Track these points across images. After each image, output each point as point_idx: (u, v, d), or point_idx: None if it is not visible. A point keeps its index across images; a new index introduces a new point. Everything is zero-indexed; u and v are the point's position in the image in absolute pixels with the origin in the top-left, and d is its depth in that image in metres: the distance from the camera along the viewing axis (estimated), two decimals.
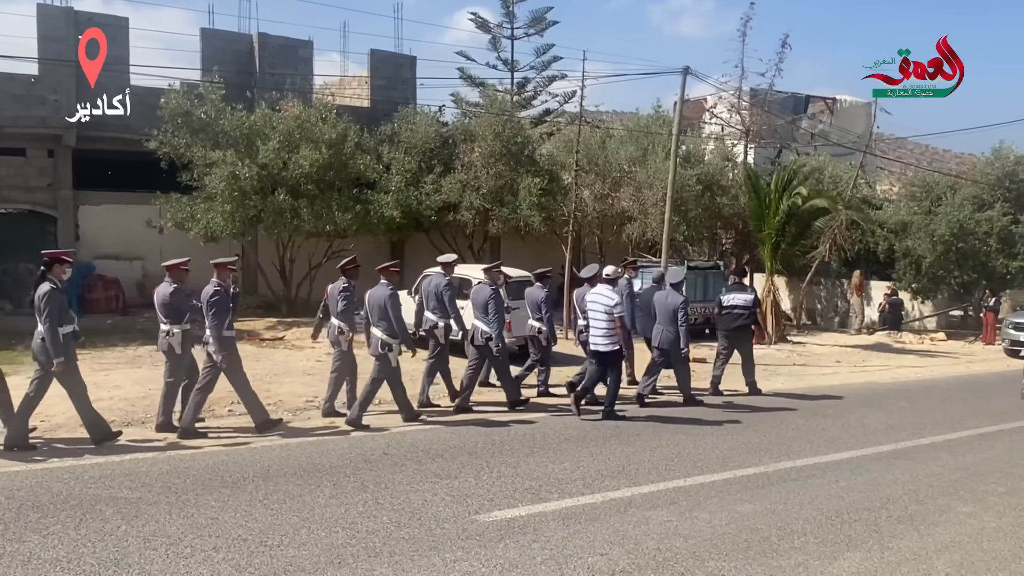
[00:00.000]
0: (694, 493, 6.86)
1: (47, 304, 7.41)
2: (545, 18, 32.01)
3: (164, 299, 8.47)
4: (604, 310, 9.77)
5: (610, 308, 9.71)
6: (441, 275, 10.62)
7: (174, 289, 8.48)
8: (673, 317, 10.94)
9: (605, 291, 9.94)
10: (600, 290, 10.00)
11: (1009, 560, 5.51)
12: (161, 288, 8.57)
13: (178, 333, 8.45)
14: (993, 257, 24.74)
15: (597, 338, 9.89)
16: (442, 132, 21.77)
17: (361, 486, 6.68)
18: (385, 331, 9.13)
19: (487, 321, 10.12)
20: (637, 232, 21.26)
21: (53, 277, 7.61)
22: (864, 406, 11.72)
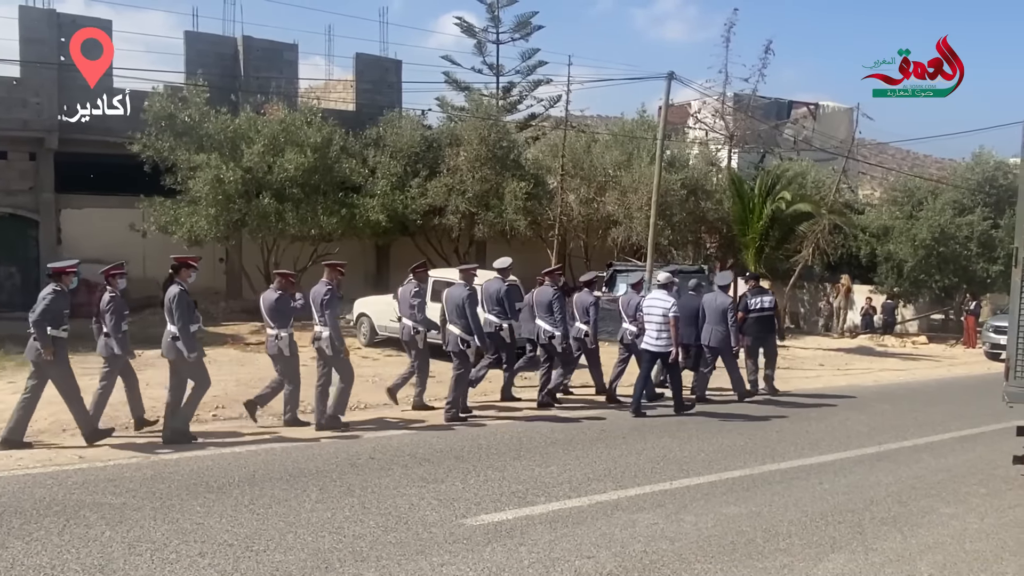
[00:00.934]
0: (680, 496, 6.89)
1: (178, 305, 8.05)
2: (530, 22, 32.10)
3: (271, 305, 9.08)
4: (660, 313, 10.43)
5: (666, 311, 10.39)
6: (499, 279, 11.02)
7: (280, 295, 9.11)
8: (723, 317, 11.68)
9: (661, 296, 10.63)
10: (656, 295, 10.72)
11: (991, 561, 5.57)
12: (267, 295, 9.27)
13: (285, 337, 9.04)
14: (974, 261, 25.05)
15: (651, 339, 10.55)
16: (427, 136, 21.78)
17: (348, 490, 6.66)
18: (463, 328, 9.80)
19: (552, 321, 10.76)
20: (622, 236, 21.34)
21: (180, 280, 8.27)
22: (847, 409, 11.82)
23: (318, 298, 9.13)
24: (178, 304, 8.06)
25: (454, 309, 9.91)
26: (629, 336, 11.31)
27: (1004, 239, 24.61)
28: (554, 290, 10.90)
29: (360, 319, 16.23)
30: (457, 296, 9.90)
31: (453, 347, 9.91)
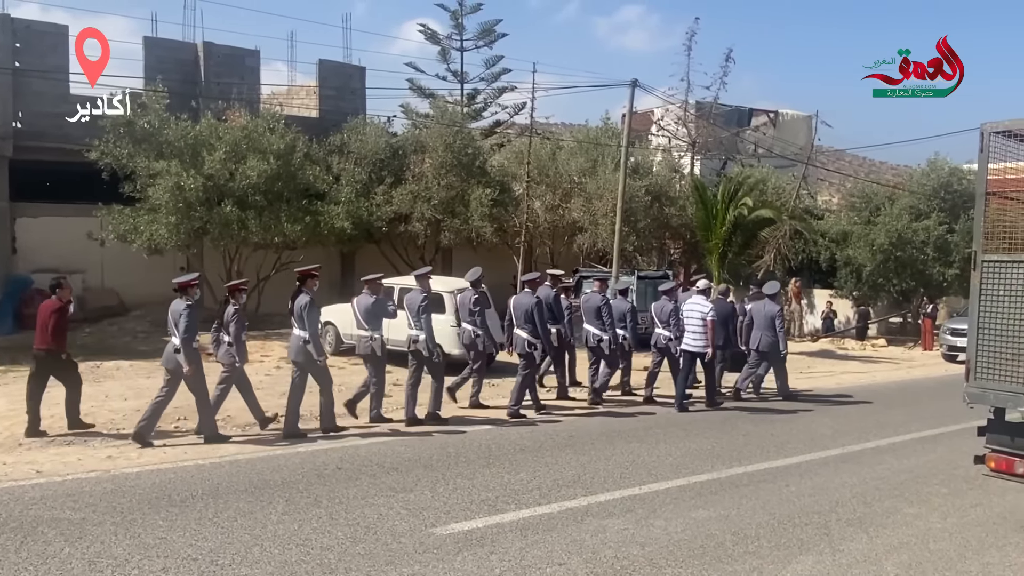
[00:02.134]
0: (649, 500, 6.91)
1: (309, 313, 8.95)
2: (494, 30, 32.10)
3: (366, 308, 9.78)
4: (699, 317, 11.50)
5: (704, 315, 11.47)
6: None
7: (376, 299, 9.87)
8: (771, 323, 12.59)
9: (700, 301, 11.68)
10: (696, 300, 11.73)
11: (955, 560, 5.67)
12: (362, 299, 9.93)
13: (379, 338, 9.70)
14: (930, 265, 25.54)
15: (691, 341, 11.56)
16: (392, 143, 21.66)
17: (315, 501, 6.57)
18: (530, 333, 10.64)
19: (600, 326, 11.58)
20: (588, 242, 21.43)
21: (307, 289, 9.12)
22: (811, 411, 11.97)
23: (414, 305, 9.94)
24: (309, 312, 8.95)
25: (522, 315, 10.77)
26: (663, 340, 11.93)
27: (959, 243, 25.16)
28: (602, 296, 11.83)
29: (325, 328, 16.04)
30: (525, 303, 10.81)
31: (520, 349, 10.79)
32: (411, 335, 10.03)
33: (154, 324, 18.40)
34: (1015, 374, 5.87)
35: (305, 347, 8.99)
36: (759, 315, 12.81)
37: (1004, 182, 6.20)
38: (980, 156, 6.09)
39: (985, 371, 6.05)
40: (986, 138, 6.05)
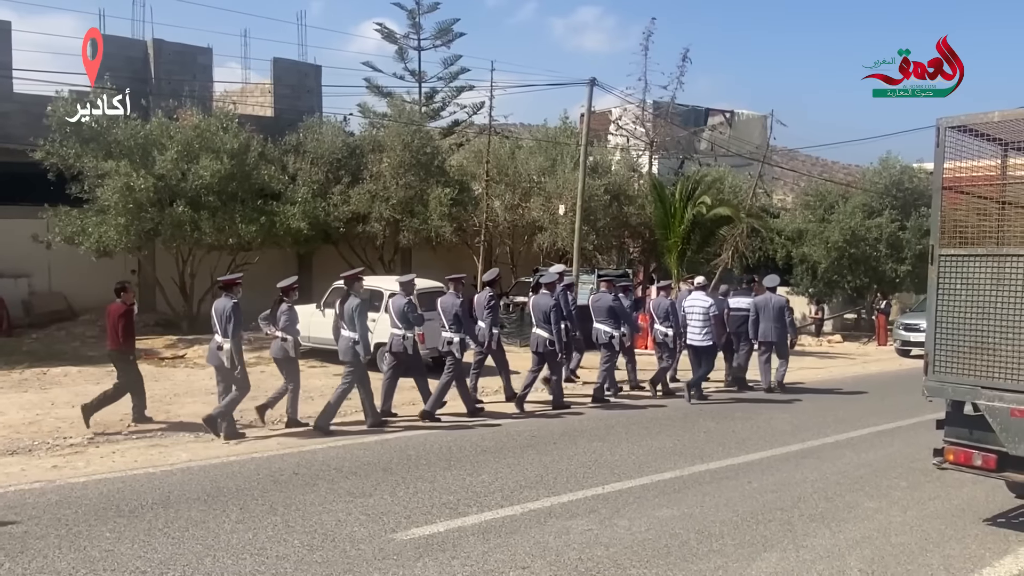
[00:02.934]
0: (613, 500, 6.84)
1: (360, 315, 9.42)
2: (451, 29, 32.06)
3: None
4: (701, 312, 12.15)
5: (706, 310, 12.15)
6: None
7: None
8: (779, 315, 13.30)
9: (701, 297, 12.37)
10: (697, 296, 12.41)
11: (917, 554, 5.69)
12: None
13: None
14: (883, 262, 26.05)
15: (694, 335, 12.23)
16: (349, 142, 21.36)
17: (270, 509, 6.37)
18: (549, 332, 11.04)
19: (613, 324, 12.10)
20: (548, 242, 21.38)
21: (355, 292, 9.68)
22: (770, 407, 12.05)
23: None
24: (359, 314, 9.42)
25: (541, 316, 11.15)
26: (660, 336, 12.63)
27: (911, 240, 25.72)
28: (612, 297, 12.39)
29: None
30: (544, 304, 11.15)
31: (541, 348, 11.16)
32: (446, 336, 10.47)
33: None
34: (973, 367, 5.91)
35: (355, 347, 9.40)
36: (766, 308, 13.35)
37: (959, 177, 6.25)
38: (936, 151, 6.13)
39: (943, 365, 6.08)
40: (942, 133, 6.09)
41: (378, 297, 14.20)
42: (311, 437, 9.09)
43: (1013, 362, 5.68)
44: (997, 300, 5.79)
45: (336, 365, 13.88)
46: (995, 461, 5.90)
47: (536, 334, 11.24)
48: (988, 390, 5.82)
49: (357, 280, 9.85)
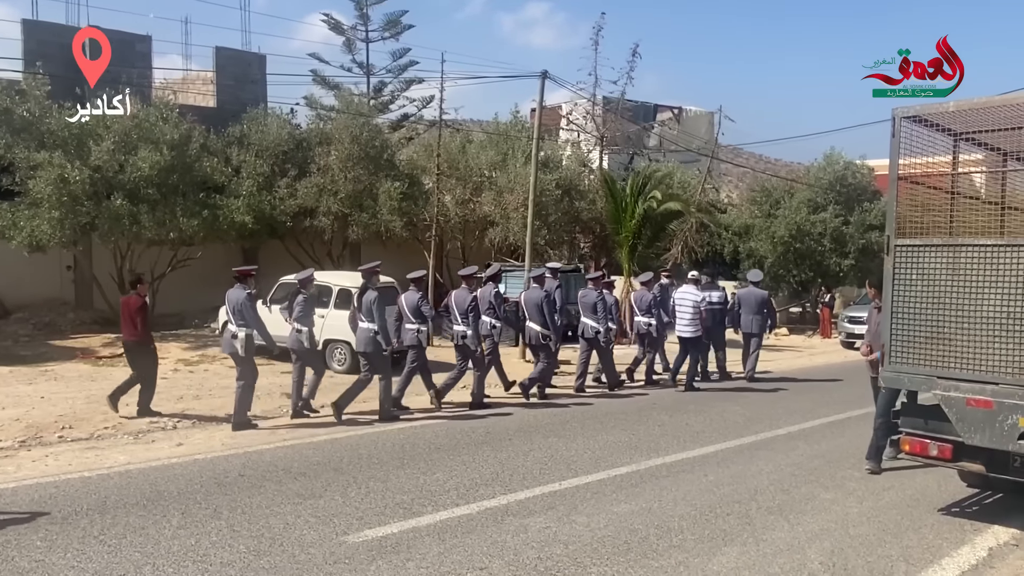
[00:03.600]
0: (570, 496, 6.71)
1: (378, 308, 9.73)
2: (400, 21, 31.62)
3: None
4: (691, 304, 12.69)
5: (696, 303, 12.71)
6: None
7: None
8: (760, 308, 13.75)
9: (691, 290, 12.92)
10: (687, 290, 12.97)
11: (876, 545, 5.67)
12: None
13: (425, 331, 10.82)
14: (827, 256, 26.51)
15: (684, 327, 12.73)
16: (296, 134, 20.85)
17: (214, 513, 6.08)
18: (541, 325, 11.37)
19: (596, 319, 12.31)
20: (499, 236, 21.20)
21: (372, 285, 9.96)
22: (722, 400, 12.09)
23: (463, 304, 10.70)
24: (378, 306, 9.73)
25: (534, 310, 11.45)
26: (644, 327, 13.09)
27: (854, 235, 26.22)
28: (598, 292, 12.56)
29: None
30: (536, 298, 11.49)
31: (535, 341, 11.57)
32: (459, 331, 10.77)
33: (37, 327, 17.18)
34: (929, 357, 5.93)
35: (375, 338, 9.69)
36: (748, 301, 13.81)
37: (913, 167, 6.26)
38: (892, 141, 6.12)
39: (900, 355, 6.09)
40: (897, 123, 6.09)
41: (327, 292, 13.87)
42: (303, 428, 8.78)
43: (968, 352, 5.71)
44: (952, 290, 5.80)
45: (283, 363, 13.56)
46: (951, 451, 5.92)
47: (530, 327, 11.53)
48: (944, 380, 5.84)
49: (374, 273, 10.13)
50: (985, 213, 6.71)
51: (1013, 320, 5.52)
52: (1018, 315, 5.50)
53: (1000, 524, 6.16)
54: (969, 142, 6.66)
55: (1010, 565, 5.36)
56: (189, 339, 16.51)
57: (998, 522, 6.21)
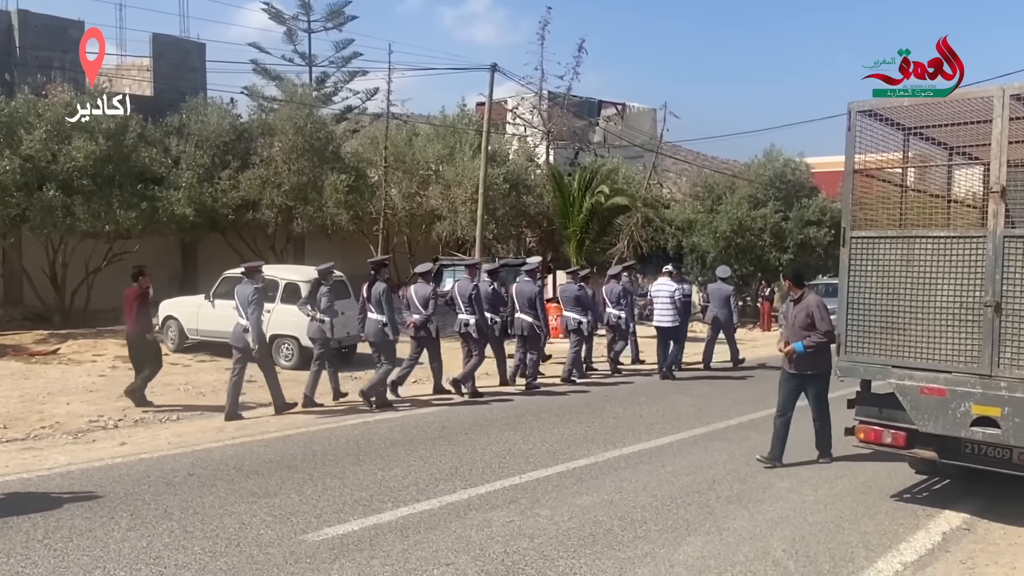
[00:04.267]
0: (531, 489, 6.67)
1: (387, 299, 10.10)
2: (343, 12, 31.16)
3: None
4: (667, 295, 13.32)
5: (671, 294, 13.29)
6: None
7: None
8: (726, 302, 14.55)
9: (667, 282, 13.53)
10: (663, 282, 13.59)
11: (834, 532, 5.77)
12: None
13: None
14: (767, 251, 27.04)
15: (663, 317, 13.30)
16: (237, 125, 20.34)
17: (165, 514, 5.85)
18: (532, 316, 11.90)
19: (580, 312, 12.96)
20: (447, 231, 21.07)
21: (381, 277, 10.35)
22: (673, 392, 12.20)
23: (465, 293, 11.17)
24: (387, 298, 10.12)
25: (525, 302, 11.90)
26: (614, 319, 13.62)
27: (792, 230, 26.81)
28: (578, 286, 13.12)
29: (167, 322, 14.83)
30: (528, 291, 11.95)
31: (527, 332, 11.94)
32: (462, 319, 11.27)
33: None
34: (884, 347, 6.06)
35: (383, 329, 10.09)
36: (716, 295, 14.72)
37: (867, 161, 6.38)
38: (848, 135, 6.23)
39: (855, 345, 6.21)
40: (853, 117, 6.20)
41: (273, 287, 13.55)
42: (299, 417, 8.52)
43: (922, 341, 5.85)
44: (906, 281, 5.94)
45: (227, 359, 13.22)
46: (904, 438, 6.07)
47: (520, 318, 11.98)
48: (898, 369, 5.97)
49: (383, 266, 10.75)
50: (932, 206, 6.91)
51: (965, 310, 5.67)
52: (970, 305, 5.65)
53: (951, 509, 6.33)
54: (918, 137, 6.84)
55: (964, 549, 5.51)
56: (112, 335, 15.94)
57: (949, 507, 6.38)
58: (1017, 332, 5.47)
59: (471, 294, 11.17)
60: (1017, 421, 5.44)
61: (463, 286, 11.35)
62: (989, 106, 5.67)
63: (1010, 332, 5.50)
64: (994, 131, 5.64)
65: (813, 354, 7.32)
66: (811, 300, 7.41)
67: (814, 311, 7.25)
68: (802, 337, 7.26)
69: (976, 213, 6.69)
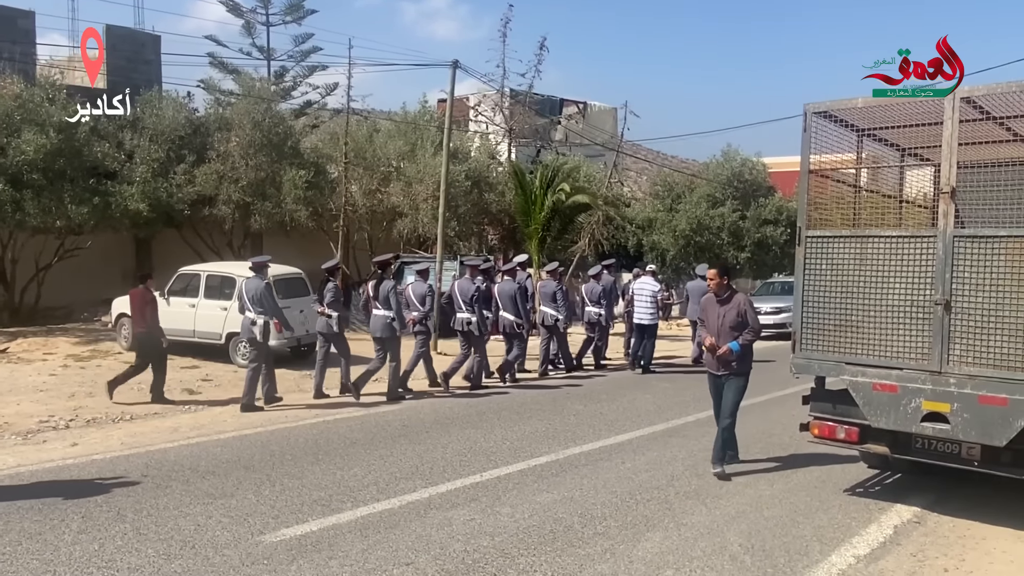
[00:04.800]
0: (492, 487, 6.67)
1: (393, 296, 10.67)
2: (302, 6, 30.75)
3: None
4: (650, 293, 13.93)
5: (654, 293, 13.96)
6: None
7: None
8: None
9: (649, 281, 14.26)
10: (646, 280, 14.32)
11: (789, 525, 5.87)
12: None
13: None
14: (725, 249, 27.41)
15: (642, 314, 13.86)
16: (193, 119, 19.92)
17: (118, 515, 5.73)
18: (513, 314, 12.49)
19: (556, 307, 13.39)
20: (408, 228, 20.94)
21: (387, 275, 11.01)
22: (633, 389, 12.30)
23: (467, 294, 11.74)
24: (394, 295, 10.67)
25: (508, 300, 12.46)
26: (595, 316, 14.16)
27: (750, 229, 27.21)
28: (556, 283, 13.53)
29: (120, 320, 14.51)
30: (510, 290, 12.55)
31: (509, 329, 12.53)
32: (463, 318, 11.78)
33: None
34: (838, 344, 6.17)
35: (390, 324, 10.57)
36: (695, 292, 15.24)
37: (822, 161, 6.50)
38: (804, 136, 6.33)
39: (810, 342, 6.32)
40: (809, 118, 6.31)
41: (230, 284, 13.34)
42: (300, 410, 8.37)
43: (875, 338, 5.97)
44: (860, 279, 6.05)
45: (183, 357, 13.02)
46: (857, 434, 6.19)
47: (503, 317, 12.52)
48: (852, 366, 6.09)
49: (388, 265, 11.22)
50: (885, 206, 7.06)
51: (916, 308, 5.80)
52: (920, 303, 5.78)
53: (902, 503, 6.48)
54: (871, 138, 6.98)
55: (915, 542, 5.64)
56: (79, 333, 15.58)
57: (900, 501, 6.53)
58: (966, 329, 5.62)
59: (473, 294, 11.75)
60: (966, 416, 5.58)
61: (463, 285, 11.89)
62: (940, 108, 5.81)
63: (959, 329, 5.64)
64: (945, 133, 5.77)
65: (742, 354, 7.14)
66: (741, 299, 7.18)
67: (747, 310, 7.03)
68: (733, 337, 7.01)
69: (927, 213, 6.84)
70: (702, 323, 14.91)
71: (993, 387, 5.48)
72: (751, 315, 7.05)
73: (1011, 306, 5.43)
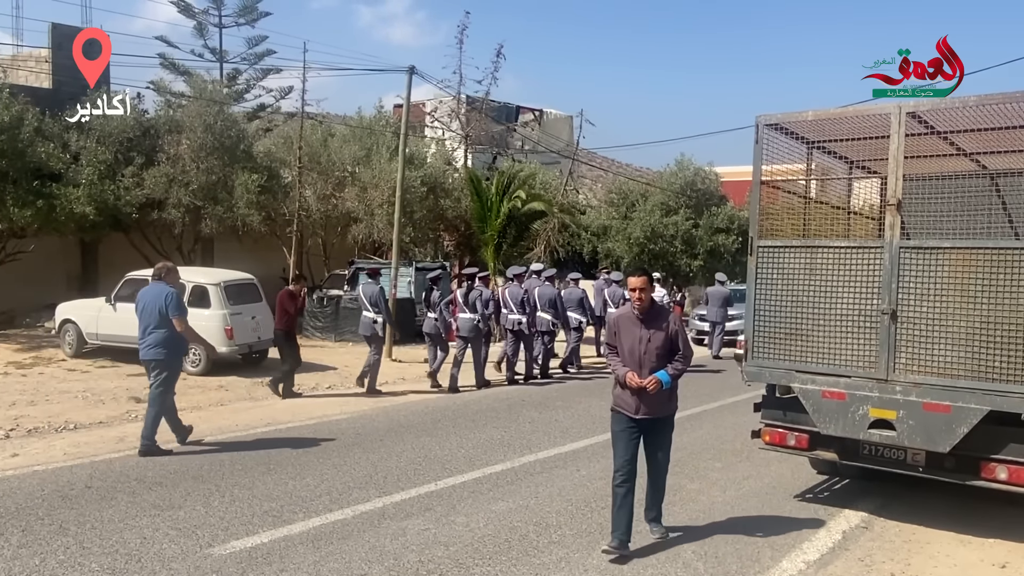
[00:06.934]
0: (447, 496, 6.63)
1: (382, 299, 11.97)
2: (256, 8, 30.31)
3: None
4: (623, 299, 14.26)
5: (660, 299, 14.64)
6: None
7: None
8: (724, 302, 18.29)
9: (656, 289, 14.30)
10: (619, 288, 15.35)
11: (741, 532, 5.93)
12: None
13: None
14: (679, 257, 27.78)
15: None
16: (143, 121, 19.49)
17: (60, 529, 5.56)
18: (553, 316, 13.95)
19: (581, 312, 14.96)
20: (363, 233, 20.76)
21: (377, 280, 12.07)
22: (586, 396, 12.34)
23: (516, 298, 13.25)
24: (381, 298, 11.89)
25: (516, 304, 13.29)
26: (576, 321, 14.98)
27: (703, 237, 27.60)
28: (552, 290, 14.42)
29: (64, 326, 14.11)
30: (517, 295, 13.33)
31: (511, 327, 13.37)
32: (514, 319, 13.25)
33: None
34: (788, 352, 6.28)
35: (373, 325, 11.72)
36: (715, 297, 17.68)
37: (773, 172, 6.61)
38: (756, 147, 6.43)
39: (761, 351, 6.42)
40: (760, 130, 6.42)
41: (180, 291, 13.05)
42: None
43: (824, 347, 6.09)
44: (809, 289, 6.17)
45: (130, 365, 12.71)
46: (807, 440, 6.30)
47: (512, 318, 13.39)
48: (801, 373, 6.20)
49: (379, 273, 12.31)
50: (833, 217, 7.21)
51: (863, 317, 5.93)
52: (868, 312, 5.92)
53: (850, 508, 6.61)
54: (821, 150, 7.13)
55: (863, 547, 5.76)
56: (20, 340, 15.13)
57: (848, 506, 6.66)
58: (911, 338, 5.76)
59: (522, 298, 13.23)
60: (911, 423, 5.72)
61: (513, 291, 13.34)
62: (887, 122, 5.95)
63: (905, 338, 5.78)
64: (891, 146, 5.92)
65: (670, 390, 5.49)
66: (672, 317, 5.53)
67: (677, 331, 5.47)
68: (660, 366, 5.37)
69: (874, 224, 7.01)
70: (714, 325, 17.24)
71: (937, 395, 5.63)
72: (683, 339, 5.50)
73: (955, 315, 5.59)
